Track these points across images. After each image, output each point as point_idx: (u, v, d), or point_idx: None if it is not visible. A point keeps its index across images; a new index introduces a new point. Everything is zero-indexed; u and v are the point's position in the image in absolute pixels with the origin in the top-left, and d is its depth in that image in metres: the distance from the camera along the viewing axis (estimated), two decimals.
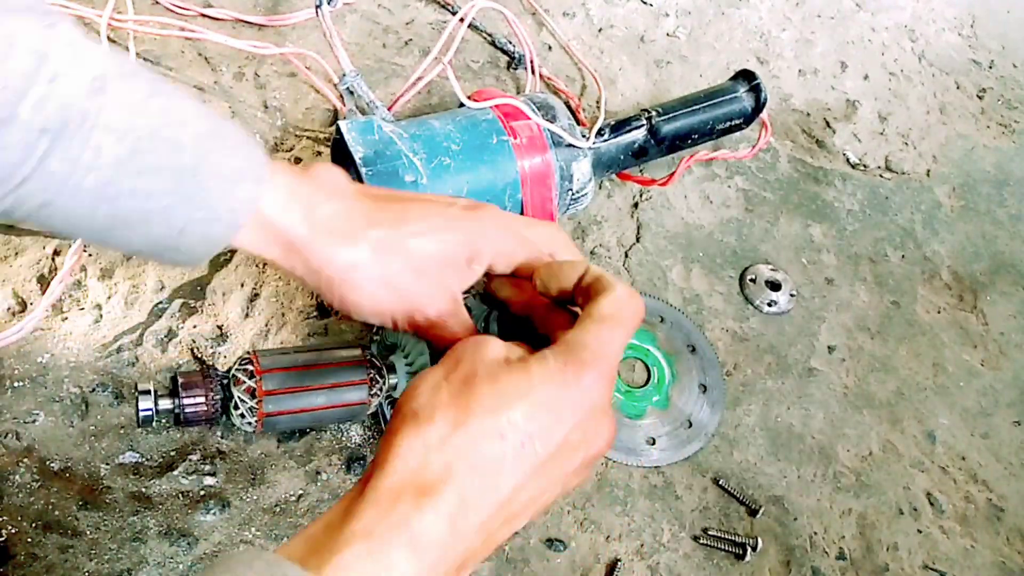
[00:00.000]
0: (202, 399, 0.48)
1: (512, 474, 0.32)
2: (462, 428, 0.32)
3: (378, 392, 0.52)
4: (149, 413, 0.48)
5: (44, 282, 0.60)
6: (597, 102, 0.83)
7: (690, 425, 0.63)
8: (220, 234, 0.38)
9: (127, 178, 0.34)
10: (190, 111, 0.37)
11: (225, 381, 0.50)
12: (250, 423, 0.49)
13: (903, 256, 0.80)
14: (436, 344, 0.43)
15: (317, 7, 0.68)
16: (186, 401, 0.48)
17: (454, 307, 0.43)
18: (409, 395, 0.34)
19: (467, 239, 0.42)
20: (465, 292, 0.44)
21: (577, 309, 0.39)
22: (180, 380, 0.49)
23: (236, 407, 0.49)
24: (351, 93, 0.67)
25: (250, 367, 0.49)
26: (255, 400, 0.49)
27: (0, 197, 0.32)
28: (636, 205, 0.77)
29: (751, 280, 0.74)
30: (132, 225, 0.36)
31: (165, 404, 0.48)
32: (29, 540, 0.50)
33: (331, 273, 0.40)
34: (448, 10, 0.87)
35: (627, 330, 0.36)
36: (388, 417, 0.53)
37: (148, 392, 0.48)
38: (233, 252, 0.65)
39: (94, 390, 0.57)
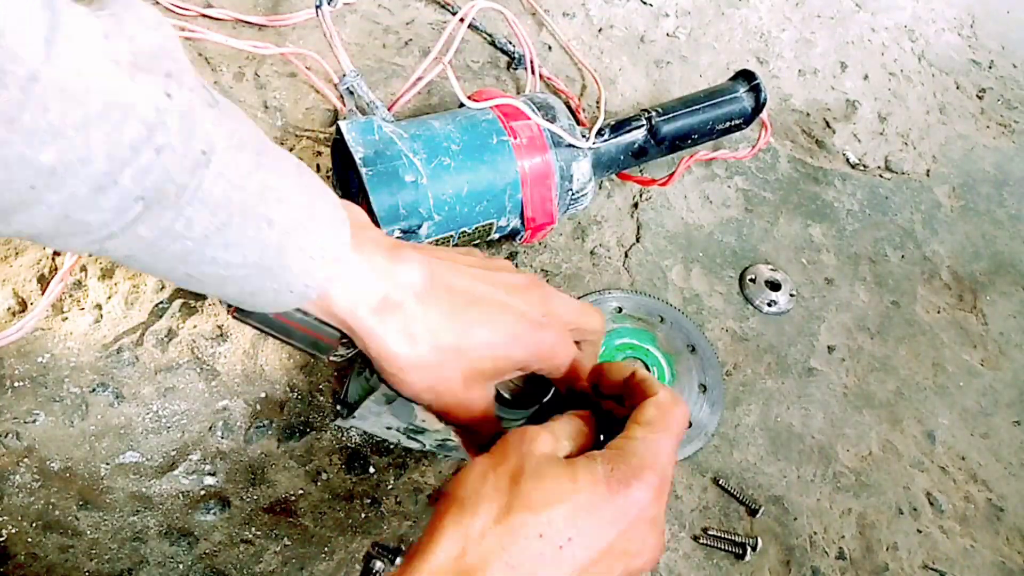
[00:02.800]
0: None
1: (547, 574, 0.32)
2: (503, 523, 0.32)
3: (350, 342, 0.53)
4: None
5: (44, 282, 0.60)
6: (597, 102, 0.83)
7: (690, 425, 0.63)
8: (290, 302, 0.39)
9: (212, 249, 0.35)
10: (288, 185, 0.37)
11: None
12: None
13: (903, 256, 0.80)
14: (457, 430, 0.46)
15: (317, 7, 0.68)
16: None
17: (488, 410, 0.45)
18: (457, 481, 0.35)
19: (525, 356, 0.43)
20: None
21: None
22: None
23: None
24: (351, 93, 0.67)
25: None
26: None
27: (86, 244, 0.32)
28: (636, 205, 0.77)
29: (751, 280, 0.74)
30: (206, 284, 0.37)
31: None
32: (29, 540, 0.50)
33: (384, 365, 0.41)
34: (448, 10, 0.87)
35: (674, 437, 0.37)
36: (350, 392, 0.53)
37: None
38: None
39: (94, 390, 0.57)
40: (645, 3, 0.97)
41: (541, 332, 0.43)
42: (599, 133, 0.65)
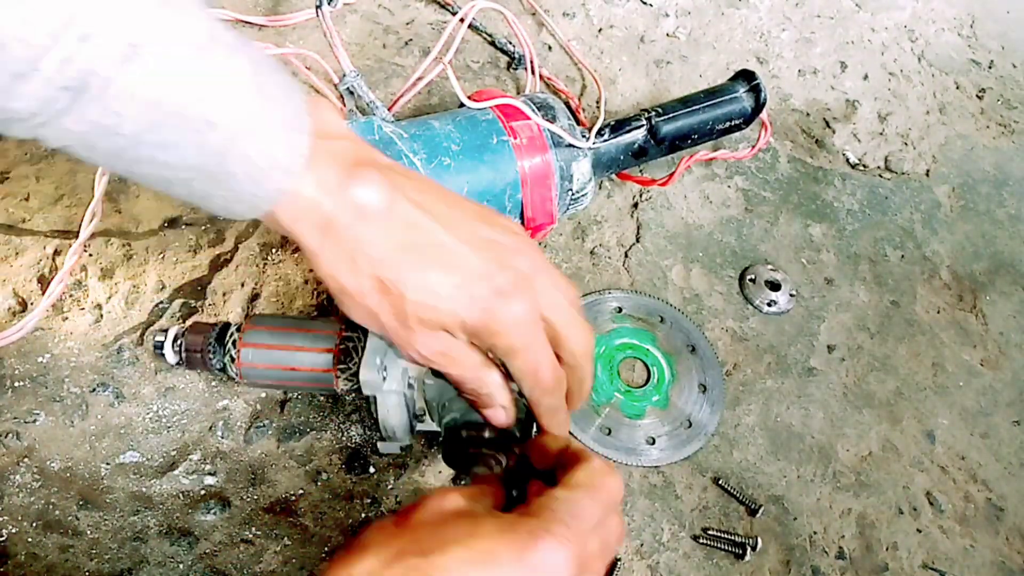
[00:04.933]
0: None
1: None
2: (391, 567, 0.29)
3: (347, 367, 0.53)
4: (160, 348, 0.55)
5: (44, 282, 0.60)
6: (597, 102, 0.83)
7: (690, 425, 0.63)
8: (241, 212, 0.36)
9: (146, 148, 0.32)
10: (238, 85, 0.33)
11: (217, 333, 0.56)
12: (235, 371, 0.54)
13: (903, 256, 0.80)
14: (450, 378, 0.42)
15: (317, 7, 0.68)
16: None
17: (448, 355, 0.41)
18: (359, 536, 0.32)
19: (474, 320, 0.39)
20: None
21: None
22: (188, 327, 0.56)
23: (224, 357, 0.55)
24: (351, 93, 0.67)
25: (241, 323, 0.55)
26: (235, 349, 0.53)
27: (21, 131, 0.31)
28: (636, 205, 0.77)
29: (751, 280, 0.74)
30: (152, 183, 0.35)
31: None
32: (29, 540, 0.51)
33: (327, 284, 0.39)
34: (448, 10, 0.87)
35: (601, 501, 0.33)
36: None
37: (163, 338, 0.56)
38: (233, 251, 0.65)
39: (94, 390, 0.57)
40: (645, 3, 0.97)
41: (502, 302, 0.38)
42: (599, 133, 0.65)
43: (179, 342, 0.55)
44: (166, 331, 0.55)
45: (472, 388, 0.42)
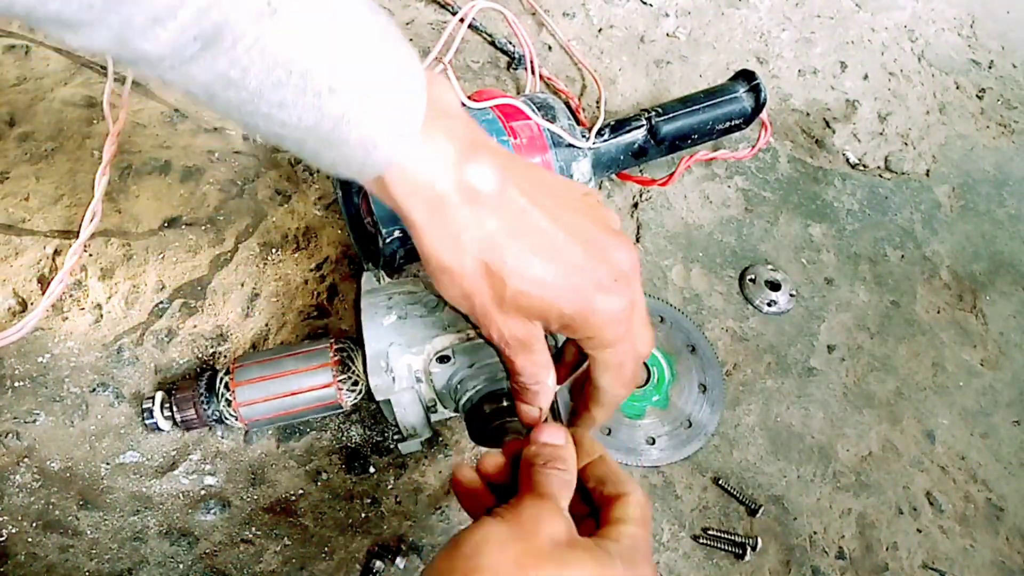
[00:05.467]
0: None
1: None
2: None
3: (348, 377, 0.53)
4: (153, 422, 0.54)
5: (44, 282, 0.60)
6: (597, 102, 0.83)
7: (690, 425, 0.63)
8: (347, 175, 0.37)
9: (265, 105, 0.33)
10: (363, 53, 0.34)
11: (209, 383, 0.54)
12: (233, 415, 0.53)
13: (903, 256, 0.80)
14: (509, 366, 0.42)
15: None
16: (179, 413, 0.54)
17: (532, 345, 0.41)
18: (473, 544, 0.33)
19: (574, 312, 0.40)
20: None
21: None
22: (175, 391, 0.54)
23: (219, 404, 0.53)
24: None
25: (230, 366, 0.54)
26: (230, 392, 0.52)
27: (149, 72, 0.32)
28: (636, 205, 0.77)
29: (751, 280, 0.74)
30: (267, 137, 0.36)
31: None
32: (29, 540, 0.51)
33: (425, 262, 0.40)
34: (448, 10, 0.87)
35: (650, 532, 0.37)
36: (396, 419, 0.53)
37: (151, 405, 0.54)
38: (233, 251, 0.65)
39: (94, 390, 0.57)
40: (645, 3, 0.97)
41: (602, 296, 0.39)
42: (599, 133, 0.65)
43: (168, 404, 0.54)
44: (152, 398, 0.54)
45: (523, 382, 0.43)
